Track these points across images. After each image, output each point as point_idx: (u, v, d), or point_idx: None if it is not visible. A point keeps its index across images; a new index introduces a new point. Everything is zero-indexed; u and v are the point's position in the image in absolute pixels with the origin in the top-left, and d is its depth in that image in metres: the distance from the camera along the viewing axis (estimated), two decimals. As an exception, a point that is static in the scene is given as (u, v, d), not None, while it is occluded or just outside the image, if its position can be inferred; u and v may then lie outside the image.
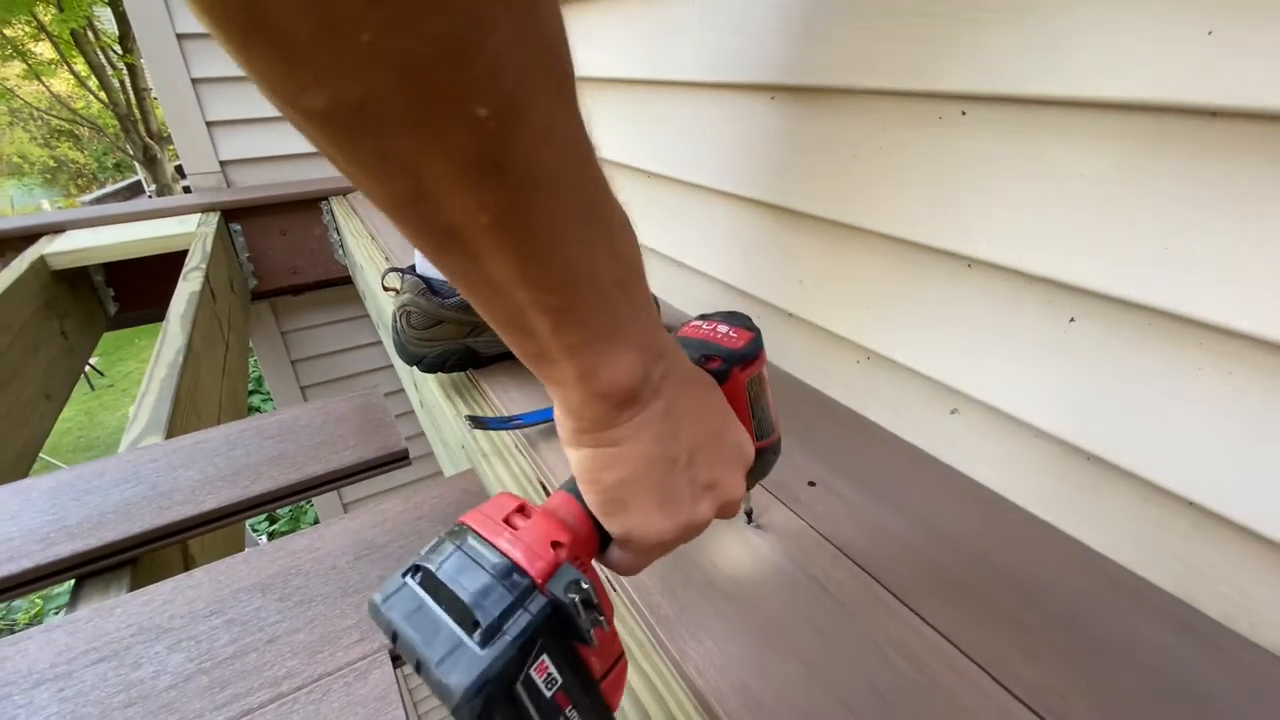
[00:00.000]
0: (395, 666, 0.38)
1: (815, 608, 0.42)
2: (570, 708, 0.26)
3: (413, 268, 0.70)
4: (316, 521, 4.43)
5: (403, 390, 1.21)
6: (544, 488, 0.57)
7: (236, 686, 0.37)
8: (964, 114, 0.47)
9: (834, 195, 0.59)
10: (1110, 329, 0.42)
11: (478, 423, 0.59)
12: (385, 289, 0.79)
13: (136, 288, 1.62)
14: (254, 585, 0.44)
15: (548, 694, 0.25)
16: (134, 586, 0.49)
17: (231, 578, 0.44)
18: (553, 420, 0.60)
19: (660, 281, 0.92)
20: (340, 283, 1.90)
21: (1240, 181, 0.34)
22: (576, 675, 0.26)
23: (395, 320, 0.70)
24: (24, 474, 1.06)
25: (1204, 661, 0.38)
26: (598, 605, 0.25)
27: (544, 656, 0.25)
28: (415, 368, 0.73)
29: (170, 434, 0.68)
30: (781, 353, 0.72)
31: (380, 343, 2.20)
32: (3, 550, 0.48)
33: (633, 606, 0.44)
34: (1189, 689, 0.36)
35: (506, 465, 0.61)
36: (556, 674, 0.25)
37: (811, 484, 0.53)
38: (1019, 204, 0.45)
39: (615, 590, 0.46)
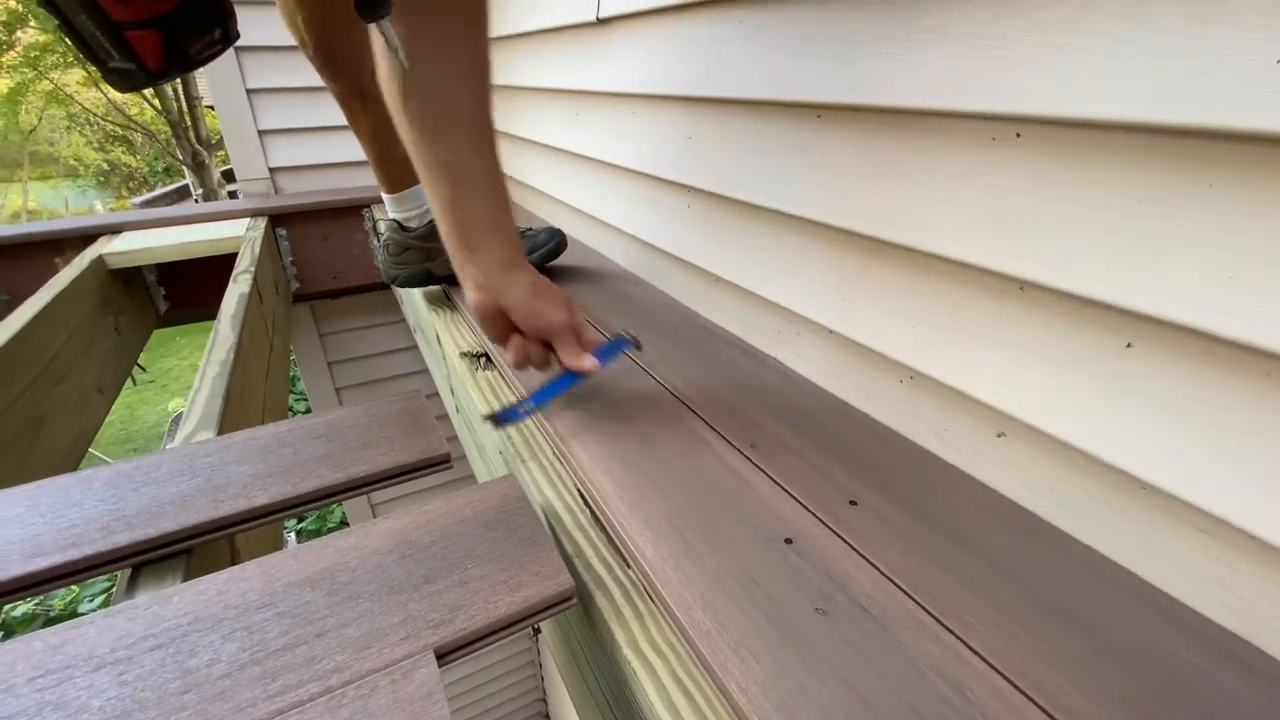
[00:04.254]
0: (440, 665, 0.39)
1: (857, 630, 0.41)
2: (84, 17, 0.38)
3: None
4: (344, 521, 4.50)
5: (437, 394, 1.23)
6: (581, 495, 0.58)
7: (288, 678, 0.38)
8: (1018, 135, 0.47)
9: (880, 213, 0.59)
10: (1169, 356, 0.41)
11: (497, 421, 0.64)
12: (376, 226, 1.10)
13: (186, 287, 1.68)
14: (303, 579, 0.45)
15: None
16: (188, 577, 0.50)
17: (282, 571, 0.45)
18: (562, 393, 0.67)
19: (687, 289, 0.92)
20: (378, 288, 1.94)
21: (1312, 210, 0.34)
22: None
23: (380, 250, 1.02)
24: (76, 465, 1.10)
25: (1263, 701, 0.37)
26: None
27: None
28: (394, 285, 1.05)
29: (221, 430, 0.71)
30: (822, 370, 0.71)
31: (415, 347, 2.24)
32: (66, 537, 0.50)
33: (670, 619, 0.44)
34: (1251, 731, 0.35)
35: (545, 472, 0.62)
36: None
37: (853, 503, 0.52)
38: (1074, 227, 0.45)
39: (653, 601, 0.46)
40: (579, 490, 0.58)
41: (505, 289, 0.60)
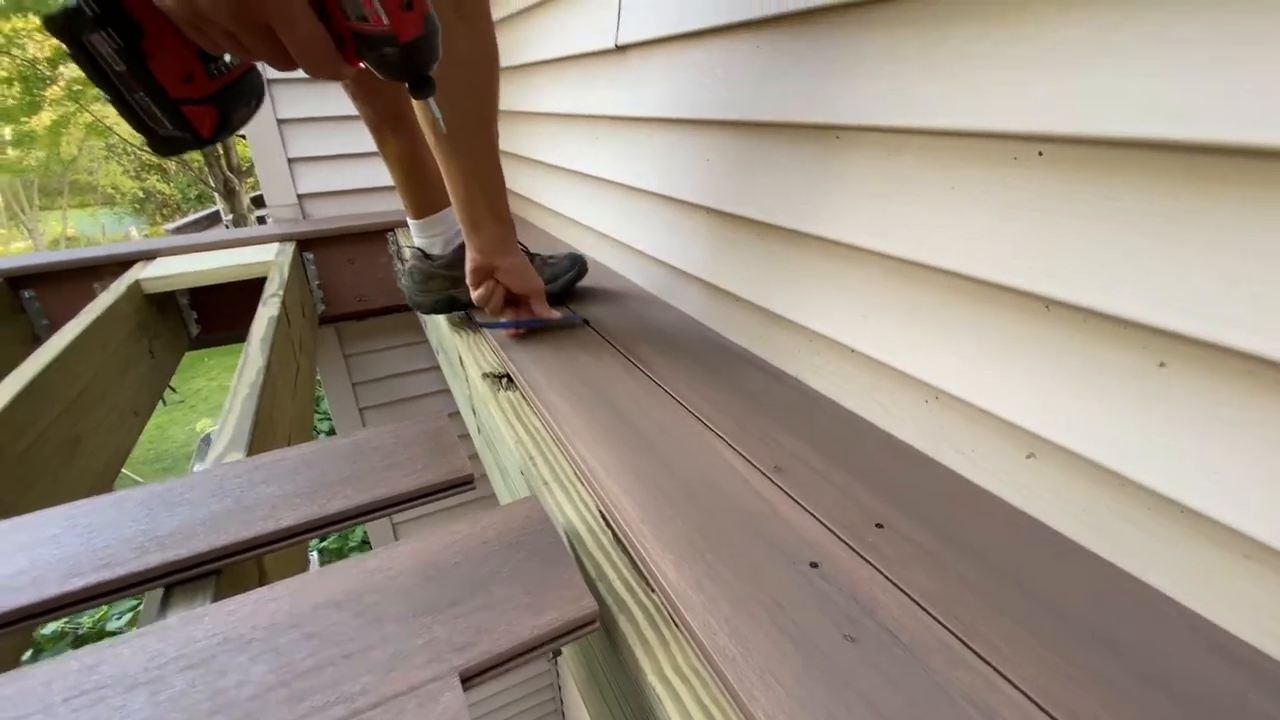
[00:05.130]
0: (465, 688, 0.39)
1: (885, 656, 0.41)
2: (141, 94, 0.39)
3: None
4: (365, 540, 4.52)
5: (458, 413, 1.24)
6: (603, 517, 0.57)
7: (315, 699, 0.38)
8: (1040, 154, 0.47)
9: (900, 232, 0.59)
10: (1205, 375, 0.40)
11: (476, 323, 0.91)
12: (401, 252, 1.09)
13: (216, 311, 1.72)
14: (330, 601, 0.45)
15: (116, 67, 0.37)
16: (217, 597, 0.51)
17: (309, 593, 0.46)
18: (511, 329, 0.95)
19: (706, 308, 0.92)
20: (402, 310, 1.97)
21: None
22: (135, 68, 0.38)
23: (405, 276, 1.03)
24: (110, 484, 1.12)
25: (1319, 738, 0.35)
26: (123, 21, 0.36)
27: (101, 32, 0.36)
28: (419, 311, 1.07)
29: (250, 450, 0.72)
30: (844, 389, 0.71)
31: (437, 367, 2.27)
32: (101, 557, 0.51)
33: (694, 643, 0.43)
34: (1303, 767, 0.34)
35: (566, 493, 0.62)
36: (115, 56, 0.37)
37: (879, 525, 0.52)
38: (1099, 245, 0.44)
39: (676, 626, 0.45)
40: (601, 512, 0.58)
41: (500, 259, 0.86)
